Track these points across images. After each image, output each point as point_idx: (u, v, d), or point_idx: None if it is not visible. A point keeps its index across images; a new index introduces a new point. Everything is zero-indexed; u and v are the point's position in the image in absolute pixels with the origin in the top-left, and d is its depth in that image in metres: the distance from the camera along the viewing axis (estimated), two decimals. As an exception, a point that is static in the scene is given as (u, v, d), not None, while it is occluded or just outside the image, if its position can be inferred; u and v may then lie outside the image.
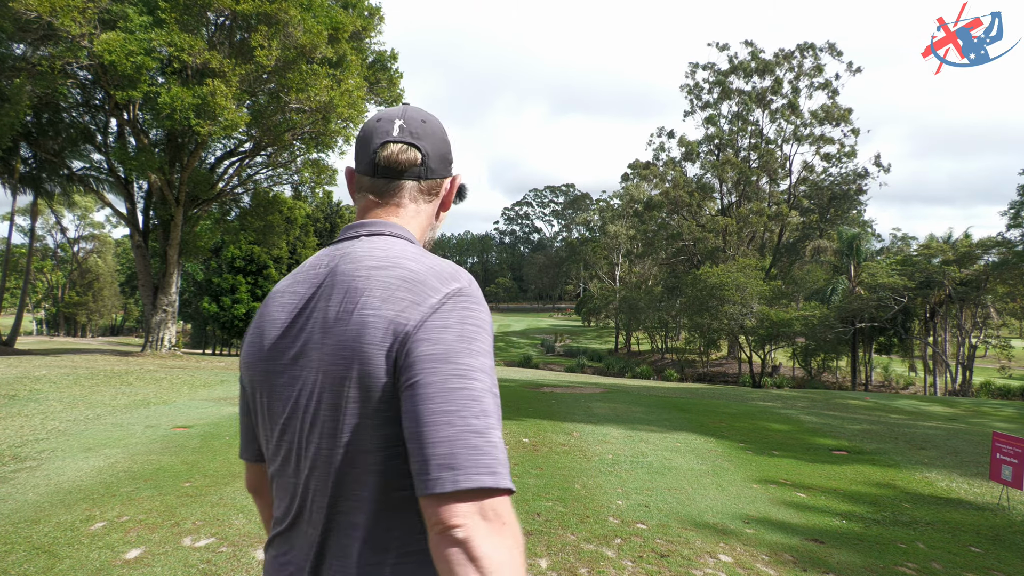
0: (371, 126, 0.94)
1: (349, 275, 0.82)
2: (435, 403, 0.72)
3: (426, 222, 0.97)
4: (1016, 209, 27.32)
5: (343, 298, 0.81)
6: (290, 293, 0.88)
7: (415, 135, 0.92)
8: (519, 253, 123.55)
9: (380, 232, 0.90)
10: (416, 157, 0.91)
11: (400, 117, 0.93)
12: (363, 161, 0.93)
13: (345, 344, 0.78)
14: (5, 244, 38.29)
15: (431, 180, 0.95)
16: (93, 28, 14.30)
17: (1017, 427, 10.49)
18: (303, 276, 0.88)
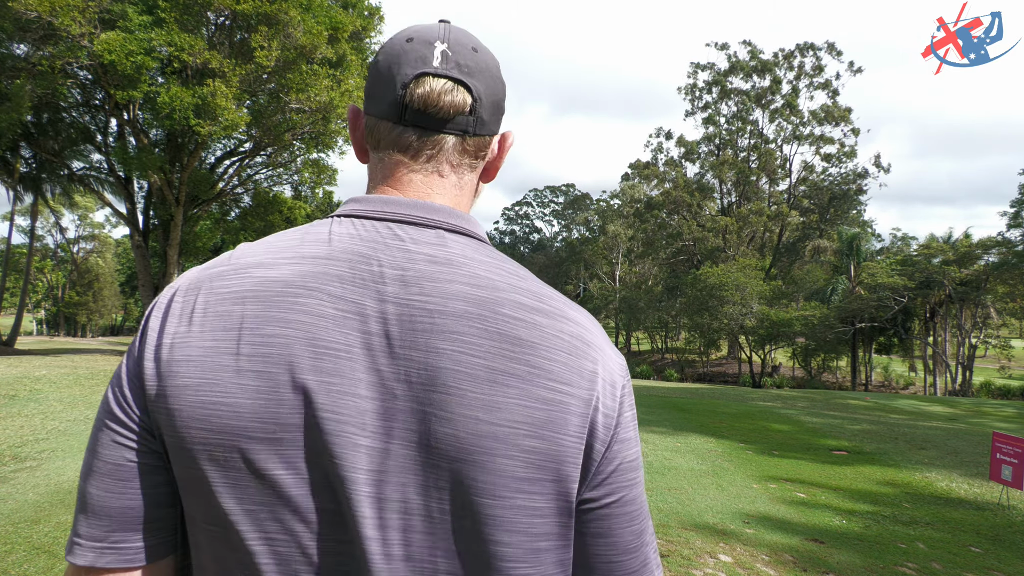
0: (398, 47, 0.62)
1: (494, 310, 0.54)
2: (638, 523, 0.60)
3: (468, 201, 0.67)
4: (1016, 209, 27.33)
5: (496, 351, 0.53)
6: (331, 298, 0.54)
7: (464, 68, 0.61)
8: (519, 253, 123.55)
9: (460, 229, 0.60)
10: (465, 101, 0.61)
11: (442, 39, 0.62)
12: (384, 100, 0.62)
13: (529, 425, 0.52)
14: (5, 244, 38.31)
15: (480, 136, 0.64)
16: (93, 28, 14.30)
17: (1017, 427, 10.50)
18: (343, 270, 0.55)
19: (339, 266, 0.55)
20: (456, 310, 0.53)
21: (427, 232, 0.58)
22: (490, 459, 0.51)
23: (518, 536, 0.52)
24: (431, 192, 0.62)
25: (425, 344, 0.52)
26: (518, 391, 0.52)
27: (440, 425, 0.51)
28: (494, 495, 0.51)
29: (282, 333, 0.52)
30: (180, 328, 0.53)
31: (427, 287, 0.54)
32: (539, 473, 0.52)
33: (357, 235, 0.57)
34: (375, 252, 0.56)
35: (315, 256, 0.56)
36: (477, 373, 0.52)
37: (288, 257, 0.56)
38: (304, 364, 0.51)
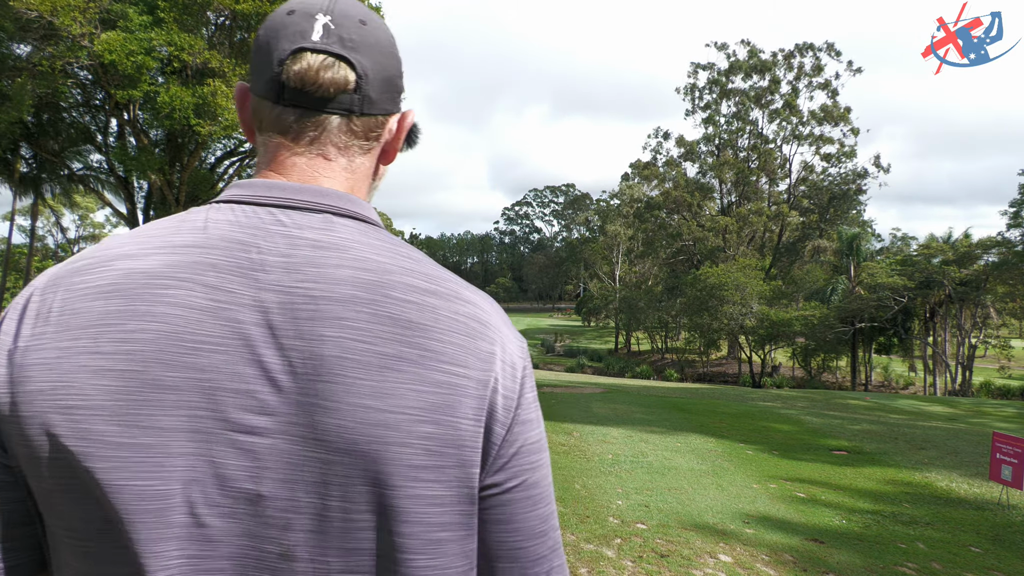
0: (278, 20, 0.57)
1: (383, 294, 0.52)
2: (543, 507, 0.57)
3: (364, 185, 0.62)
4: (1016, 209, 27.34)
5: (387, 336, 0.50)
6: (204, 288, 0.50)
7: (348, 43, 0.56)
8: (519, 253, 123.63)
9: (349, 212, 0.57)
10: (348, 78, 0.56)
11: (326, 11, 0.57)
12: (263, 77, 0.57)
13: (422, 410, 0.50)
14: (5, 244, 38.33)
15: (369, 116, 0.59)
16: (93, 28, 14.31)
17: (1017, 427, 10.50)
18: (218, 258, 0.51)
19: (214, 254, 0.51)
20: (343, 295, 0.51)
21: (313, 217, 0.55)
22: (383, 448, 0.49)
23: (416, 527, 0.50)
24: (317, 176, 0.58)
25: (310, 332, 0.49)
26: (411, 376, 0.50)
27: (327, 416, 0.48)
28: (389, 485, 0.49)
29: (148, 328, 0.48)
30: (36, 330, 0.49)
31: (311, 273, 0.51)
32: (437, 460, 0.50)
33: (236, 221, 0.53)
34: (255, 239, 0.52)
35: (188, 245, 0.51)
36: (366, 359, 0.49)
37: (157, 246, 0.51)
38: (172, 361, 0.47)
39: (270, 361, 0.49)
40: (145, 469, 0.47)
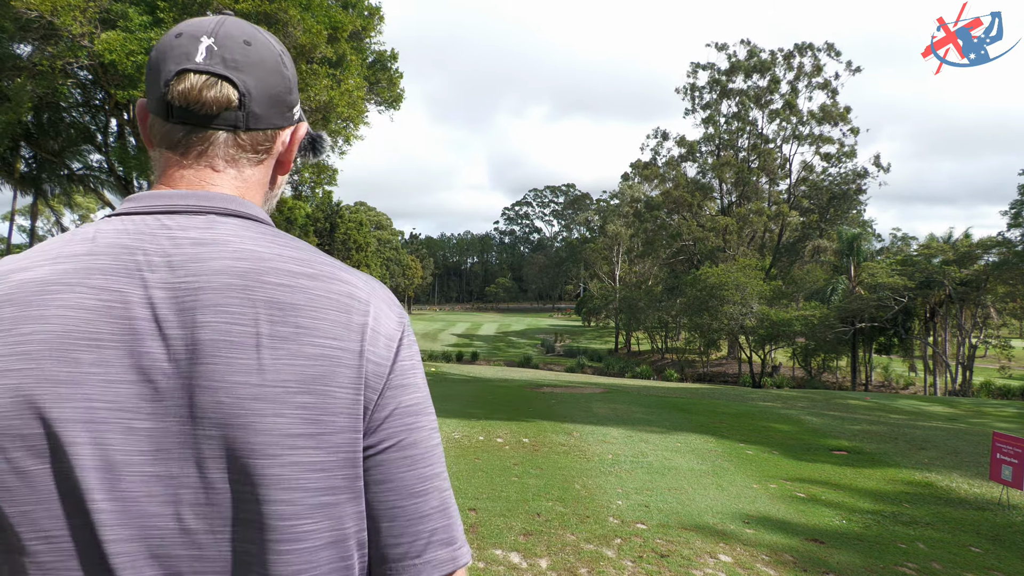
0: (167, 43, 0.61)
1: (258, 279, 0.55)
2: (422, 467, 0.60)
3: (258, 193, 0.66)
4: (1016, 209, 27.33)
5: (262, 317, 0.54)
6: (94, 290, 0.53)
7: (230, 63, 0.60)
8: (519, 253, 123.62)
9: (232, 211, 0.60)
10: (231, 96, 0.60)
11: (211, 34, 0.61)
12: (153, 96, 0.62)
13: (300, 382, 0.54)
14: (5, 244, 38.34)
15: (256, 131, 0.63)
16: (94, 28, 14.31)
17: (1017, 427, 10.50)
18: (105, 263, 0.54)
19: (102, 260, 0.54)
20: (219, 284, 0.54)
21: (196, 218, 0.58)
22: (259, 419, 0.52)
23: (297, 493, 0.53)
24: (204, 185, 0.62)
25: (192, 321, 0.53)
26: (285, 351, 0.54)
27: (204, 395, 0.52)
28: (267, 455, 0.52)
29: (41, 330, 0.51)
30: None
31: (192, 268, 0.55)
32: (315, 427, 0.53)
33: (124, 230, 0.57)
34: (141, 243, 0.56)
35: (77, 254, 0.55)
36: (242, 340, 0.53)
37: (49, 258, 0.55)
38: (64, 357, 0.51)
39: (156, 351, 0.52)
40: (53, 460, 0.50)
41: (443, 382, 14.53)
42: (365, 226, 44.18)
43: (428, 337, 64.65)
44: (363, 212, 72.01)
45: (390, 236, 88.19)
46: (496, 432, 7.32)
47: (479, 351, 52.60)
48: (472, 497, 4.55)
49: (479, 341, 60.58)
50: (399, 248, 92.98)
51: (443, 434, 7.07)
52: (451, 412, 8.91)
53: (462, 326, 74.16)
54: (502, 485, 4.92)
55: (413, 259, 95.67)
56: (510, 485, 4.94)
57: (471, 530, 3.84)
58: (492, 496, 4.60)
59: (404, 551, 0.58)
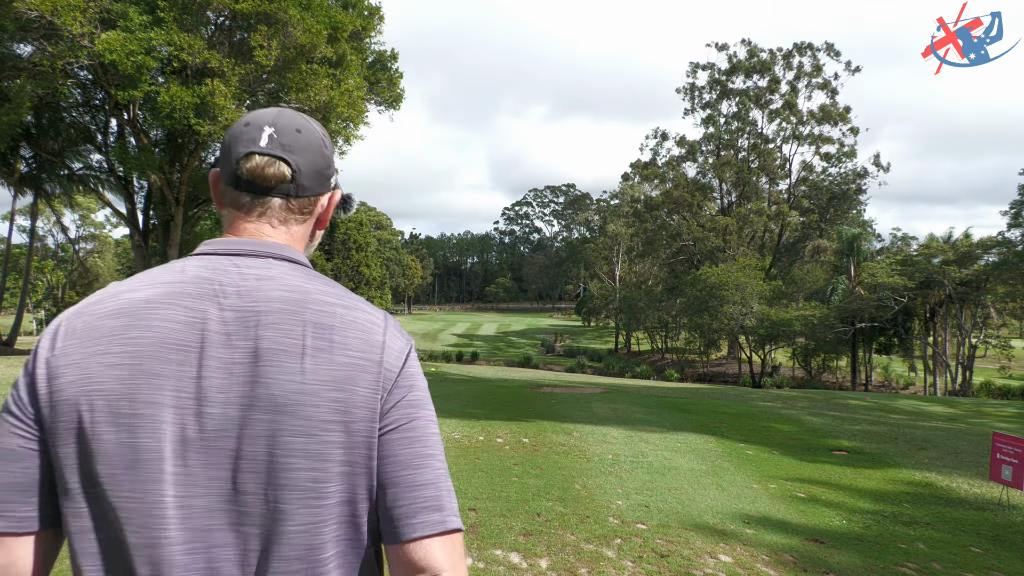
0: (237, 130, 0.81)
1: (304, 306, 0.74)
2: (419, 447, 0.75)
3: (301, 244, 0.86)
4: (1016, 209, 27.32)
5: (308, 333, 0.72)
6: (184, 308, 0.72)
7: (286, 147, 0.80)
8: (519, 253, 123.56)
9: (284, 256, 0.80)
10: (285, 173, 0.80)
11: (271, 124, 0.81)
12: (226, 170, 0.81)
13: (332, 383, 0.71)
14: (5, 244, 38.30)
15: (303, 198, 0.83)
16: (94, 28, 14.30)
17: (1017, 427, 10.49)
18: (191, 289, 0.73)
19: (188, 287, 0.74)
20: (275, 308, 0.73)
21: (257, 260, 0.78)
22: (301, 408, 0.69)
23: (326, 463, 0.70)
24: (262, 238, 0.82)
25: (255, 335, 0.71)
26: (323, 359, 0.72)
27: (261, 388, 0.69)
28: (306, 434, 0.69)
29: (145, 336, 0.70)
30: (66, 343, 0.70)
31: (255, 295, 0.74)
32: (341, 416, 0.71)
33: (204, 266, 0.76)
34: (216, 276, 0.75)
35: (170, 282, 0.74)
36: (291, 350, 0.71)
37: (150, 283, 0.74)
38: (161, 356, 0.69)
39: (226, 356, 0.71)
40: (144, 432, 0.67)
41: (443, 382, 14.52)
42: (365, 226, 44.16)
43: (428, 337, 64.61)
44: (363, 212, 71.96)
45: (390, 236, 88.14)
46: (496, 432, 7.32)
47: (479, 351, 52.54)
48: (472, 497, 4.55)
49: (479, 341, 60.56)
50: (399, 248, 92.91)
51: (443, 434, 7.06)
52: (451, 412, 8.91)
53: (462, 326, 74.14)
54: (502, 485, 4.92)
55: (413, 259, 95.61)
56: (510, 485, 4.94)
57: (471, 530, 3.83)
58: (492, 496, 4.59)
59: (402, 512, 0.72)
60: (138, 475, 0.66)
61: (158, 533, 0.66)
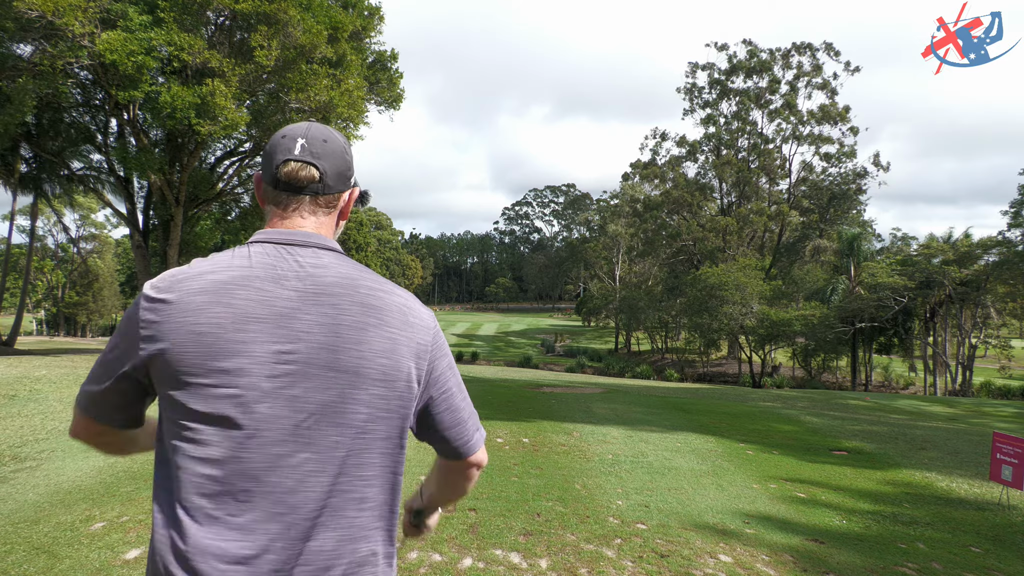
0: (276, 142, 1.02)
1: (355, 290, 0.96)
2: (460, 397, 1.08)
3: (330, 231, 1.07)
4: (1016, 208, 27.30)
5: (360, 312, 0.95)
6: (256, 289, 0.93)
7: (315, 154, 1.01)
8: (519, 253, 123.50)
9: (327, 247, 1.01)
10: (315, 175, 1.01)
11: (303, 136, 1.02)
12: (268, 173, 1.03)
13: (381, 352, 0.95)
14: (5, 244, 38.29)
15: (329, 195, 1.04)
16: (94, 27, 14.30)
17: (1018, 427, 10.49)
18: (262, 273, 0.94)
19: (257, 271, 0.94)
20: (332, 291, 0.95)
21: (307, 250, 0.98)
22: (359, 368, 0.92)
23: (373, 409, 0.93)
24: (297, 228, 1.02)
25: (317, 311, 0.93)
26: (373, 333, 0.94)
27: (328, 353, 0.91)
28: (360, 388, 0.92)
29: (225, 311, 0.90)
30: (164, 309, 0.91)
31: (314, 279, 0.95)
32: (386, 376, 0.94)
33: (265, 253, 0.96)
34: (276, 263, 0.95)
35: (242, 266, 0.94)
36: (348, 323, 0.93)
37: (224, 267, 0.94)
38: (241, 327, 0.90)
39: (292, 328, 0.92)
40: (217, 394, 0.89)
41: (443, 382, 14.52)
42: (365, 226, 44.14)
43: (428, 337, 64.42)
44: (363, 212, 71.92)
45: (390, 236, 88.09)
46: (496, 432, 7.32)
47: (479, 351, 52.50)
48: (472, 497, 4.55)
49: (479, 341, 60.54)
50: (399, 248, 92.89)
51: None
52: (451, 412, 8.89)
53: (462, 326, 74.11)
54: (502, 485, 4.93)
55: (413, 259, 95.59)
56: (510, 485, 4.94)
57: (471, 530, 3.84)
58: (492, 496, 4.60)
59: (467, 437, 1.07)
60: (223, 413, 0.89)
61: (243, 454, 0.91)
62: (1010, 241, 27.30)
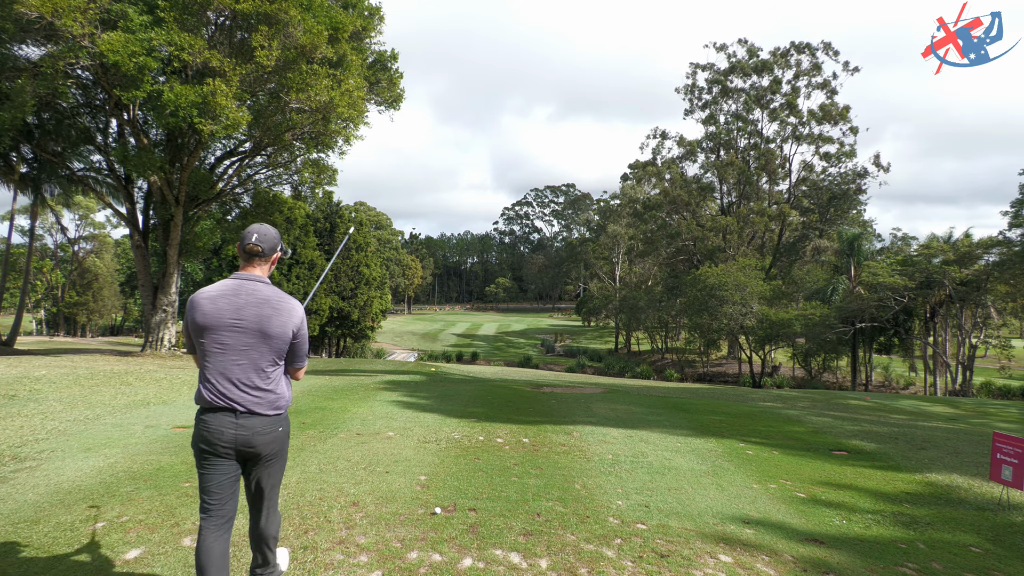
0: (245, 233, 2.66)
1: (266, 298, 2.63)
2: (305, 346, 2.76)
3: (264, 273, 2.73)
4: (1016, 208, 27.30)
5: (271, 307, 2.61)
6: (225, 298, 2.58)
7: (262, 238, 2.68)
8: (519, 253, 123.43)
9: (263, 281, 2.68)
10: (260, 249, 2.66)
11: (256, 232, 2.69)
12: (241, 248, 2.68)
13: (279, 325, 2.61)
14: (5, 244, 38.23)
15: (266, 256, 2.71)
16: (94, 28, 14.29)
17: (1018, 428, 10.49)
18: (228, 290, 2.60)
19: (228, 290, 2.61)
20: (261, 300, 2.61)
21: (252, 283, 2.65)
22: (268, 332, 2.59)
23: (271, 346, 2.61)
24: (253, 272, 2.69)
25: (256, 313, 2.58)
26: (280, 319, 2.61)
27: (260, 326, 2.58)
28: (268, 339, 2.59)
29: (212, 310, 2.57)
30: (202, 305, 2.59)
31: (254, 295, 2.61)
32: (279, 336, 2.62)
33: (235, 282, 2.64)
34: (239, 287, 2.62)
35: (223, 288, 2.61)
36: (269, 313, 2.60)
37: (216, 288, 2.62)
38: (219, 318, 2.56)
39: (240, 314, 2.58)
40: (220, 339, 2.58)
41: (443, 382, 14.52)
42: (365, 226, 44.10)
43: (428, 337, 64.56)
44: (363, 212, 71.86)
45: (390, 236, 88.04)
46: (496, 432, 7.32)
47: (479, 351, 52.39)
48: (472, 497, 4.55)
49: (479, 341, 60.51)
50: (399, 248, 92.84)
51: (443, 434, 7.07)
52: (451, 412, 8.91)
53: (462, 326, 74.09)
54: (502, 485, 4.93)
55: (413, 259, 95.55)
56: (510, 485, 4.94)
57: (471, 530, 3.84)
58: (492, 496, 4.60)
59: (297, 361, 2.78)
60: (222, 347, 2.56)
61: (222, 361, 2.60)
62: (1010, 241, 27.30)
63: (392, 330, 64.19)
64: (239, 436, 2.51)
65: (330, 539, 3.60)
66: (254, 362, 2.54)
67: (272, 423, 2.60)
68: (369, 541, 3.60)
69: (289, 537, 3.61)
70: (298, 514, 4.04)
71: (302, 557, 3.34)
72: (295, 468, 5.22)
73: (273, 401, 2.60)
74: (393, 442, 6.45)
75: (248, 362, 2.53)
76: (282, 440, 2.67)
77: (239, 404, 2.51)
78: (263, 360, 2.56)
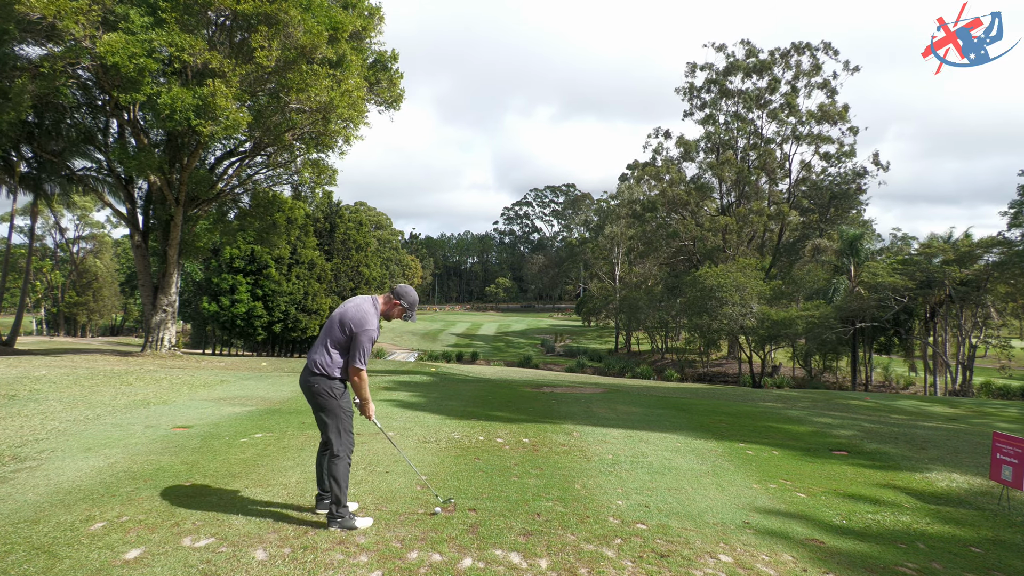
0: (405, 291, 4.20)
1: (350, 304, 4.01)
2: (367, 344, 3.92)
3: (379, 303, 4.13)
4: (1016, 209, 27.31)
5: (350, 308, 3.95)
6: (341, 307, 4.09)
7: (398, 294, 4.15)
8: (519, 253, 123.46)
9: (369, 297, 4.11)
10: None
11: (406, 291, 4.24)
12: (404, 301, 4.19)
13: (342, 323, 3.91)
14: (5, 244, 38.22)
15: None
16: (96, 29, 14.29)
17: (1018, 428, 10.50)
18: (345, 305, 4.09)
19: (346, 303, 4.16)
20: (349, 307, 4.00)
21: (356, 297, 4.23)
22: (340, 325, 3.92)
23: (338, 333, 3.91)
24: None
25: (343, 314, 3.94)
26: (350, 317, 3.92)
27: (338, 318, 3.94)
28: (337, 329, 3.92)
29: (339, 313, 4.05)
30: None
31: (347, 305, 4.03)
32: (343, 329, 3.89)
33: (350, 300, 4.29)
34: (348, 301, 4.14)
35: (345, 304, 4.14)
36: (348, 313, 3.97)
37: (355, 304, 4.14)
38: (334, 317, 4.03)
39: (337, 313, 4.01)
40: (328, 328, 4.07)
41: (444, 382, 14.52)
42: (365, 226, 44.11)
43: (428, 337, 64.56)
44: (363, 212, 71.92)
45: (390, 236, 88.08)
46: (496, 432, 7.32)
47: (479, 351, 52.41)
48: (472, 497, 4.55)
49: (479, 341, 60.51)
50: (399, 248, 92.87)
51: (443, 434, 7.07)
52: (451, 412, 8.91)
53: (462, 326, 74.08)
54: (502, 485, 4.93)
55: (413, 259, 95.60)
56: (510, 485, 4.94)
57: (471, 530, 3.84)
58: (492, 496, 4.60)
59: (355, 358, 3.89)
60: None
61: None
62: (1010, 241, 27.31)
63: (392, 330, 64.19)
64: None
65: (330, 539, 3.60)
66: (324, 341, 4.01)
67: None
68: (369, 541, 3.60)
69: (289, 537, 3.62)
70: (298, 514, 4.04)
71: (302, 557, 3.34)
72: (295, 468, 5.22)
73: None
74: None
75: (322, 340, 4.05)
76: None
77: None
78: (330, 342, 3.99)
